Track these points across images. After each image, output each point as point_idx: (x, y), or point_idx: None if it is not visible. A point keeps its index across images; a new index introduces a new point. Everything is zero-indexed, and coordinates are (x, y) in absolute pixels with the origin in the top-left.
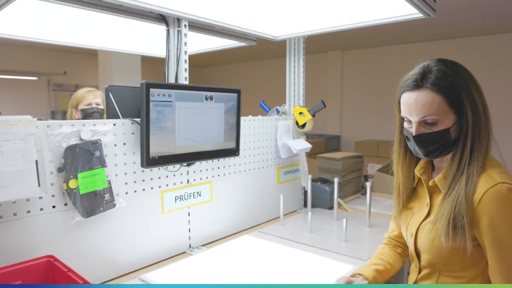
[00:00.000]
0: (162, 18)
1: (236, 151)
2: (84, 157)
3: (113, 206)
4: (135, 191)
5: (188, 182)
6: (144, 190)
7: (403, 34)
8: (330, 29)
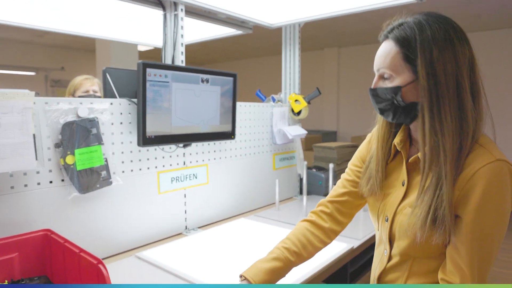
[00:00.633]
0: (159, 3)
1: (232, 134)
2: (81, 134)
3: (110, 184)
4: (132, 170)
5: (184, 164)
6: (140, 169)
7: None
8: (325, 15)
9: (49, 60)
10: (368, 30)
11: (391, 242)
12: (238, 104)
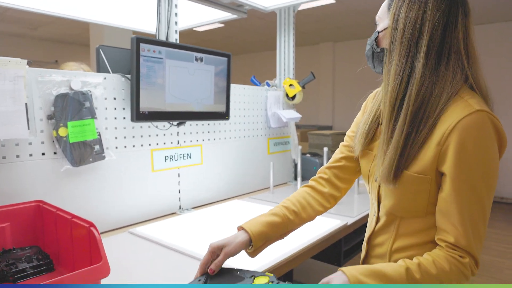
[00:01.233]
0: None
1: (226, 115)
2: (74, 107)
3: (103, 158)
4: (125, 147)
5: (178, 143)
6: (134, 146)
7: None
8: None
9: (42, 54)
10: (363, 25)
11: (379, 203)
12: (233, 86)
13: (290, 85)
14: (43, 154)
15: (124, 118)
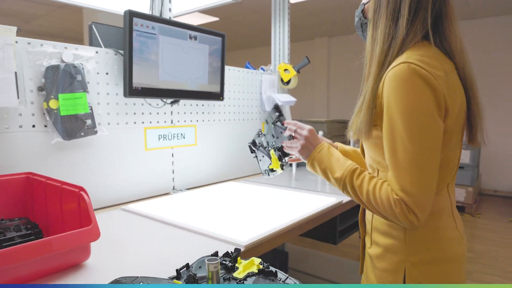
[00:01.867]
0: None
1: (220, 95)
2: (65, 79)
3: (95, 133)
4: (118, 124)
5: (172, 122)
6: (127, 123)
7: None
8: None
9: None
10: None
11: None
12: (227, 67)
13: (285, 69)
14: (33, 126)
15: (116, 94)
